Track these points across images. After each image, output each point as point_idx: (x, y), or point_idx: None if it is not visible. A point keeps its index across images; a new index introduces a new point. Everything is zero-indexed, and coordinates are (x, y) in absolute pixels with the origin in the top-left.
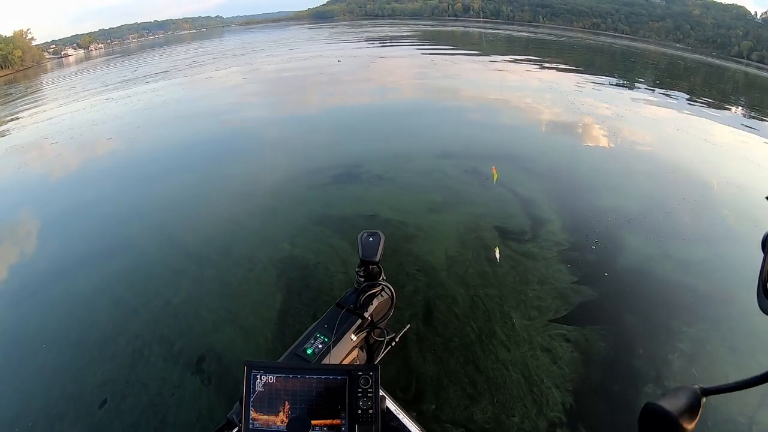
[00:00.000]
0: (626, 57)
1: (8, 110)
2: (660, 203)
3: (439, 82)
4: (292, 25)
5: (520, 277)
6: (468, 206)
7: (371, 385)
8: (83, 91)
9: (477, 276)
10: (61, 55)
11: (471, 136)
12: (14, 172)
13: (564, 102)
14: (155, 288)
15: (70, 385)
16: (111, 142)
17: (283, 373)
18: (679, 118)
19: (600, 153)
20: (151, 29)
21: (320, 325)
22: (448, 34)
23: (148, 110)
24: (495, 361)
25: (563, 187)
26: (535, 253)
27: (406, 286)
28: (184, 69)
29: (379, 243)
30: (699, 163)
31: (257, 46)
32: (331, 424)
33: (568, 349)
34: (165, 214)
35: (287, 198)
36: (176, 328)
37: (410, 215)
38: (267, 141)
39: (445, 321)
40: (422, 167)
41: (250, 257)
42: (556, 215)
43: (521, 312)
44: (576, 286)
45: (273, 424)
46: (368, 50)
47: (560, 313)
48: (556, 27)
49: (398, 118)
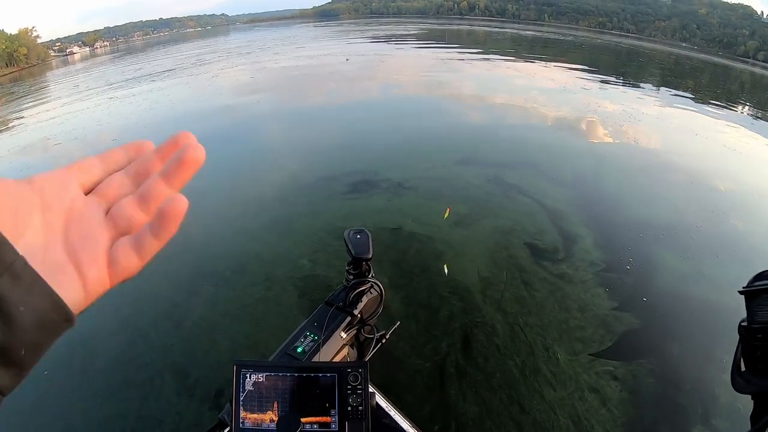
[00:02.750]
0: (635, 57)
1: (11, 109)
2: (689, 216)
3: (450, 82)
4: (298, 23)
5: (560, 304)
6: (495, 219)
7: (360, 382)
8: (87, 90)
9: (515, 302)
10: (66, 53)
11: (489, 140)
12: (14, 176)
13: (579, 103)
14: (165, 309)
15: (75, 420)
16: (115, 143)
17: (272, 371)
18: (696, 122)
19: (621, 158)
20: (156, 27)
21: (310, 324)
22: (454, 32)
23: (153, 110)
24: (541, 401)
25: (589, 196)
26: (571, 275)
27: (441, 310)
28: (190, 67)
29: (368, 240)
30: (723, 172)
31: (263, 44)
32: (322, 422)
33: (616, 389)
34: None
35: (304, 208)
36: (190, 355)
37: (436, 229)
38: (278, 144)
39: (486, 353)
40: (443, 175)
41: (267, 275)
42: (586, 230)
43: (564, 345)
44: (617, 312)
45: (263, 423)
46: (376, 48)
47: (604, 345)
48: (561, 26)
49: (413, 120)
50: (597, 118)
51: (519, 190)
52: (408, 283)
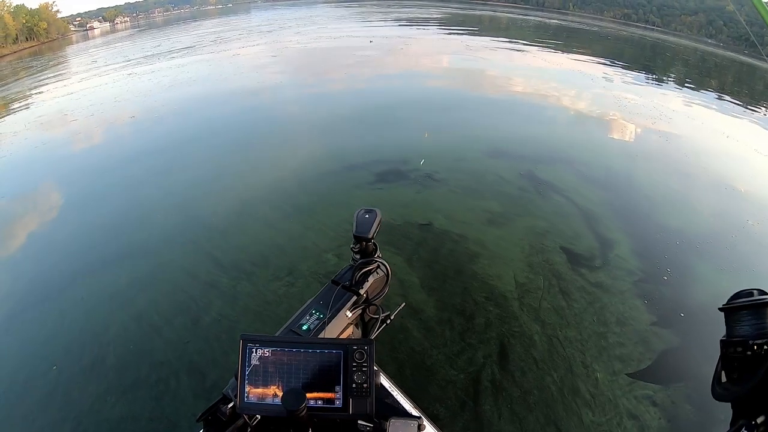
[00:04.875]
0: (661, 51)
1: (29, 83)
2: (724, 225)
3: (475, 71)
4: (319, 3)
5: (598, 316)
6: (529, 219)
7: (366, 360)
8: (105, 66)
9: (552, 312)
10: (87, 28)
11: (519, 132)
12: (28, 153)
13: (608, 98)
14: (181, 303)
15: (84, 419)
16: (133, 121)
17: (278, 346)
18: (726, 123)
19: (653, 158)
20: (176, 4)
21: (316, 302)
22: (477, 18)
23: (173, 87)
24: (579, 424)
25: (623, 198)
26: (609, 284)
27: (476, 317)
28: (209, 45)
29: (374, 220)
30: (756, 177)
31: (284, 23)
32: (326, 397)
33: (655, 416)
34: (190, 213)
35: (328, 198)
36: (208, 354)
37: (469, 227)
38: (301, 128)
39: (523, 367)
40: (474, 168)
41: (290, 269)
42: (622, 235)
43: (604, 363)
44: (656, 329)
45: (268, 397)
46: (399, 31)
47: (643, 364)
48: (585, 15)
49: (441, 107)
50: (627, 114)
51: (552, 187)
52: (441, 286)
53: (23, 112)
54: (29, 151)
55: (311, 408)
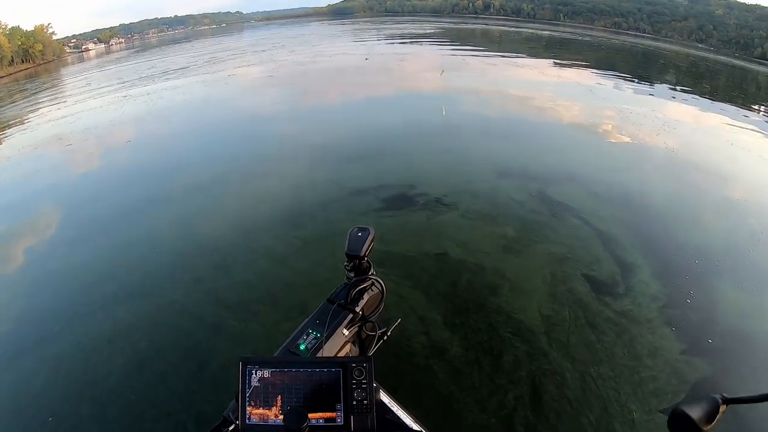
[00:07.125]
0: (654, 58)
1: (25, 106)
2: (739, 239)
3: (475, 85)
4: (312, 21)
5: (629, 349)
6: (546, 244)
7: (365, 377)
8: (99, 88)
9: (582, 347)
10: (82, 50)
11: (524, 149)
12: (21, 180)
13: (611, 109)
14: (186, 348)
15: None
16: (129, 145)
17: (278, 367)
18: (728, 131)
19: (662, 171)
20: (171, 24)
21: (312, 321)
22: (470, 31)
23: (168, 110)
24: None
25: (637, 216)
26: (636, 313)
27: (504, 355)
28: (204, 65)
29: (367, 237)
30: (766, 187)
31: (278, 42)
32: (327, 417)
33: None
34: (190, 249)
35: (336, 229)
36: (217, 406)
37: (485, 256)
38: (302, 151)
39: (558, 408)
40: (483, 190)
41: (300, 310)
42: (641, 257)
43: (639, 400)
44: (687, 357)
45: (270, 418)
46: (394, 48)
47: (678, 398)
48: (577, 25)
49: (443, 126)
50: (630, 126)
51: (565, 208)
52: (465, 322)
53: (18, 135)
54: (23, 179)
55: (313, 427)
